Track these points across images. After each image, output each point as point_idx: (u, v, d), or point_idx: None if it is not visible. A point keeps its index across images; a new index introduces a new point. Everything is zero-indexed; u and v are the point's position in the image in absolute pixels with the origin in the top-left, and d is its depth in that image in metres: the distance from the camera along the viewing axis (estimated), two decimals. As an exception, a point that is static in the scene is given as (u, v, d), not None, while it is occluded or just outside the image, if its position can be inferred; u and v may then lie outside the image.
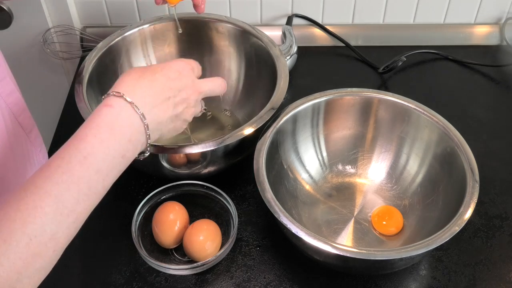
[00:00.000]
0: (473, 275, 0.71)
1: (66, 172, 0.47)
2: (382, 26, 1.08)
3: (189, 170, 0.76)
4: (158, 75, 0.57)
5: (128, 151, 0.52)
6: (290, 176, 0.78)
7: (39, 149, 0.74)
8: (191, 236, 0.70)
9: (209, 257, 0.69)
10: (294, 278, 0.71)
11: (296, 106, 0.77)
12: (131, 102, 0.52)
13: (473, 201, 0.65)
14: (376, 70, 1.01)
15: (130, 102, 0.52)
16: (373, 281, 0.70)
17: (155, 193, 0.75)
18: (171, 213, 0.72)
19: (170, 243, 0.71)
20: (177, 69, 0.59)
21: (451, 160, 0.72)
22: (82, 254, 0.73)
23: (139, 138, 0.54)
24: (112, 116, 0.51)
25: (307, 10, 1.05)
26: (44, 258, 0.45)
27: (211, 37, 0.92)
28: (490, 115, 0.93)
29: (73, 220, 0.48)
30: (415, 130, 0.77)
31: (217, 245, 0.70)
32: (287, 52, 0.97)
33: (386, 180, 0.80)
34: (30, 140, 0.69)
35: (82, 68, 0.81)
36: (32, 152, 0.71)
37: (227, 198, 0.74)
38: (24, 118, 0.67)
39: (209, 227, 0.71)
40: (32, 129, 0.70)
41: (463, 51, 1.05)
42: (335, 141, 0.82)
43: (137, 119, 0.53)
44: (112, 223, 0.77)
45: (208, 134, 0.89)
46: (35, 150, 0.72)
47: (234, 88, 0.93)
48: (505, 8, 1.05)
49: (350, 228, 0.76)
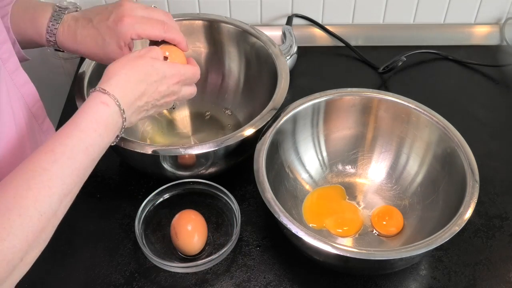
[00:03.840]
0: (473, 275, 0.71)
1: (71, 158, 0.53)
2: (382, 26, 1.08)
3: (190, 171, 0.76)
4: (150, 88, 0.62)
5: (111, 143, 0.60)
6: (290, 176, 0.78)
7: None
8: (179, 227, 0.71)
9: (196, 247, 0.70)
10: (294, 278, 0.71)
11: (296, 106, 0.77)
12: (119, 106, 0.58)
13: (473, 201, 0.65)
14: (376, 70, 1.01)
15: (119, 106, 0.58)
16: (373, 281, 0.70)
17: (158, 192, 0.75)
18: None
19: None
20: (171, 82, 0.65)
21: (451, 160, 0.72)
22: (82, 254, 0.73)
23: (118, 133, 0.61)
24: (107, 114, 0.57)
25: (307, 10, 1.05)
26: (46, 232, 0.51)
27: (211, 37, 0.92)
28: (490, 115, 0.93)
29: (70, 199, 0.54)
30: (415, 130, 0.77)
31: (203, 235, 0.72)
32: (287, 52, 0.97)
33: (386, 180, 0.80)
34: (42, 130, 0.70)
35: (82, 68, 0.81)
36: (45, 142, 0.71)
37: (230, 196, 0.74)
38: (38, 108, 0.69)
39: (196, 218, 0.72)
40: (44, 119, 0.71)
41: (463, 51, 1.05)
42: (335, 141, 0.82)
43: (121, 120, 0.60)
44: (112, 223, 0.77)
45: (208, 134, 0.89)
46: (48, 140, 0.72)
47: (235, 88, 0.93)
48: (505, 8, 1.05)
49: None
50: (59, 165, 0.52)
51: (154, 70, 0.62)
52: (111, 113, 0.58)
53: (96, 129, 0.56)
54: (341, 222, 0.75)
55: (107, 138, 0.58)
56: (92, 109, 0.57)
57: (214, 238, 0.74)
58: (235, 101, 0.92)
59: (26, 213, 0.48)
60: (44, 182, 0.50)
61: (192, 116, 0.93)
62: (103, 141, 0.57)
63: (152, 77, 0.62)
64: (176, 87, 0.65)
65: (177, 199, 0.76)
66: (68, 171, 0.52)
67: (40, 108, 0.69)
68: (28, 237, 0.48)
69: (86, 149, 0.54)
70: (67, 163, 0.52)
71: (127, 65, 0.61)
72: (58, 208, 0.52)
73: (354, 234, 0.74)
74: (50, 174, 0.51)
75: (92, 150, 0.55)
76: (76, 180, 0.54)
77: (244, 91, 0.92)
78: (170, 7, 1.03)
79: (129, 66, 0.61)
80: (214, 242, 0.74)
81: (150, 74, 0.62)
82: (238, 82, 0.93)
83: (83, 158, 0.54)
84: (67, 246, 0.73)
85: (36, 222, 0.49)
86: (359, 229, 0.75)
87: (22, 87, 0.65)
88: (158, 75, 0.62)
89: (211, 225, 0.75)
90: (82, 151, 0.54)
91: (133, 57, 0.62)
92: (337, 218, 0.76)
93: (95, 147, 0.56)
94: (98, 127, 0.56)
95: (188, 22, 0.90)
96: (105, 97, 0.58)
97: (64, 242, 0.74)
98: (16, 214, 0.48)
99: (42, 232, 0.50)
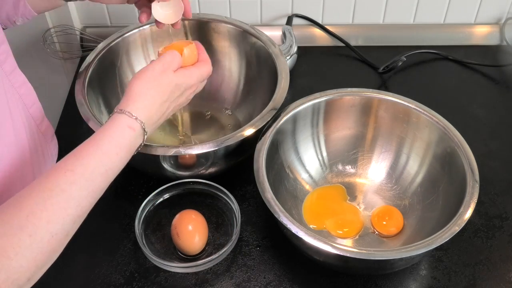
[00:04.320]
0: (473, 275, 0.71)
1: (89, 181, 0.52)
2: (382, 26, 1.08)
3: (190, 171, 0.76)
4: (173, 104, 0.64)
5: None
6: (290, 176, 0.78)
7: (50, 140, 0.74)
8: (181, 227, 0.71)
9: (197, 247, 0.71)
10: (294, 278, 0.71)
11: (296, 106, 0.77)
12: (145, 132, 0.59)
13: (473, 201, 0.65)
14: (376, 70, 1.01)
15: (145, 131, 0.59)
16: (373, 281, 0.70)
17: (158, 192, 0.75)
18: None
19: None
20: (189, 92, 0.66)
21: (451, 160, 0.72)
22: (82, 254, 0.73)
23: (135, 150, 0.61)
24: (132, 139, 0.58)
25: (307, 10, 1.05)
26: (58, 253, 0.51)
27: (211, 38, 0.92)
28: (490, 115, 0.93)
29: (82, 219, 0.53)
30: (415, 130, 0.77)
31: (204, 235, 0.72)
32: (287, 52, 0.97)
33: (386, 180, 0.80)
34: (40, 131, 0.70)
35: (82, 68, 0.81)
36: (43, 142, 0.71)
37: (230, 196, 0.74)
38: (36, 109, 0.69)
39: (197, 218, 0.72)
40: (43, 120, 0.70)
41: (463, 51, 1.05)
42: (335, 141, 0.82)
43: (142, 139, 0.60)
44: (112, 223, 0.77)
45: (209, 134, 0.89)
46: (47, 141, 0.72)
47: (235, 88, 0.93)
48: (505, 8, 1.05)
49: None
50: (77, 186, 0.51)
51: (177, 87, 0.63)
52: (136, 137, 0.58)
53: (118, 153, 0.56)
54: (341, 224, 0.75)
55: (126, 159, 0.58)
56: (118, 133, 0.56)
57: (214, 238, 0.74)
58: (235, 101, 0.92)
59: (37, 233, 0.47)
60: (60, 203, 0.49)
61: (192, 116, 0.93)
62: (122, 163, 0.57)
63: (175, 94, 0.63)
64: (193, 94, 0.67)
65: (177, 199, 0.76)
66: (85, 193, 0.52)
67: (38, 109, 0.69)
68: (37, 257, 0.47)
69: (105, 172, 0.54)
70: (85, 185, 0.52)
71: (153, 84, 0.61)
72: (72, 229, 0.51)
73: (354, 236, 0.74)
74: (67, 195, 0.50)
75: (111, 173, 0.55)
76: (91, 202, 0.53)
77: (244, 91, 0.92)
78: (170, 7, 1.03)
79: (154, 86, 0.61)
80: (214, 242, 0.74)
81: (174, 92, 0.63)
82: (238, 82, 0.93)
83: (101, 181, 0.54)
84: (67, 246, 0.73)
85: (46, 244, 0.48)
86: (360, 231, 0.75)
87: (20, 88, 0.65)
88: (180, 90, 0.64)
89: (211, 225, 0.75)
90: (101, 174, 0.53)
91: (157, 74, 0.62)
92: (338, 219, 0.76)
93: (114, 170, 0.56)
94: (121, 151, 0.56)
95: (188, 22, 0.90)
96: (132, 121, 0.57)
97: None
98: (27, 234, 0.47)
99: (52, 253, 0.49)
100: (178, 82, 0.63)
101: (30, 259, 0.47)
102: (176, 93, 0.63)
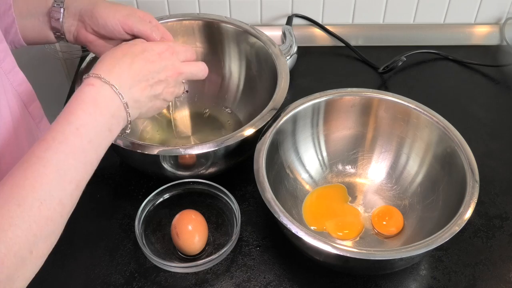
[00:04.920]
0: (473, 275, 0.71)
1: (63, 142, 0.52)
2: (382, 26, 1.08)
3: (190, 171, 0.76)
4: (137, 58, 0.61)
5: (112, 125, 0.58)
6: (290, 176, 0.78)
7: None
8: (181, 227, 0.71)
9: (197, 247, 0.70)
10: (294, 278, 0.71)
11: (296, 106, 0.77)
12: (108, 82, 0.57)
13: (473, 201, 0.65)
14: (376, 70, 1.01)
15: (107, 82, 0.57)
16: (373, 281, 0.70)
17: (158, 192, 0.75)
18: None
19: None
20: (157, 51, 0.64)
21: (451, 160, 0.72)
22: (82, 254, 0.73)
23: (120, 114, 0.59)
24: (94, 93, 0.56)
25: (307, 10, 1.05)
26: (54, 222, 0.50)
27: (211, 37, 0.91)
28: (490, 115, 0.93)
29: (75, 187, 0.52)
30: (415, 130, 0.77)
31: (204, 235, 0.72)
32: (287, 52, 0.97)
33: (386, 180, 0.80)
34: (39, 130, 0.70)
35: (82, 68, 0.81)
36: None
37: (230, 196, 0.74)
38: (34, 108, 0.69)
39: (197, 218, 0.72)
40: (42, 119, 0.70)
41: (463, 51, 1.05)
42: (335, 141, 0.82)
43: (116, 97, 0.58)
44: (112, 223, 0.77)
45: (209, 134, 0.89)
46: None
47: (235, 88, 0.93)
48: (505, 8, 1.05)
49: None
50: (52, 151, 0.51)
51: (136, 45, 0.63)
52: (98, 90, 0.56)
53: (84, 109, 0.55)
54: (342, 225, 0.75)
55: (101, 116, 0.56)
56: (77, 92, 0.56)
57: (214, 238, 0.74)
58: (235, 101, 0.92)
59: (25, 202, 0.48)
60: (39, 170, 0.50)
61: (192, 116, 0.93)
62: (96, 120, 0.55)
63: (135, 48, 0.63)
64: (169, 58, 0.64)
65: (177, 199, 0.76)
66: (62, 156, 0.51)
67: (37, 108, 0.69)
68: (32, 226, 0.47)
69: (77, 130, 0.53)
70: (60, 147, 0.52)
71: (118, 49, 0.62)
72: (63, 196, 0.51)
73: (354, 238, 0.74)
74: (44, 161, 0.50)
75: (84, 131, 0.54)
76: (76, 165, 0.52)
77: (244, 91, 0.92)
78: (170, 7, 1.03)
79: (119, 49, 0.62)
80: (214, 242, 0.74)
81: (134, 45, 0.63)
82: (238, 82, 0.93)
83: (76, 140, 0.53)
84: (67, 246, 0.73)
85: (37, 211, 0.48)
86: (360, 233, 0.75)
87: (19, 86, 0.65)
88: (142, 47, 0.63)
89: (211, 225, 0.75)
90: (72, 133, 0.53)
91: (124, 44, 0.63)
92: (338, 221, 0.76)
93: (87, 127, 0.54)
94: (87, 107, 0.55)
95: (188, 22, 0.90)
96: (89, 79, 0.57)
97: (64, 242, 0.73)
98: (15, 204, 0.47)
99: (48, 221, 0.49)
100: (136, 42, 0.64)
101: (25, 229, 0.47)
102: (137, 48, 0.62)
